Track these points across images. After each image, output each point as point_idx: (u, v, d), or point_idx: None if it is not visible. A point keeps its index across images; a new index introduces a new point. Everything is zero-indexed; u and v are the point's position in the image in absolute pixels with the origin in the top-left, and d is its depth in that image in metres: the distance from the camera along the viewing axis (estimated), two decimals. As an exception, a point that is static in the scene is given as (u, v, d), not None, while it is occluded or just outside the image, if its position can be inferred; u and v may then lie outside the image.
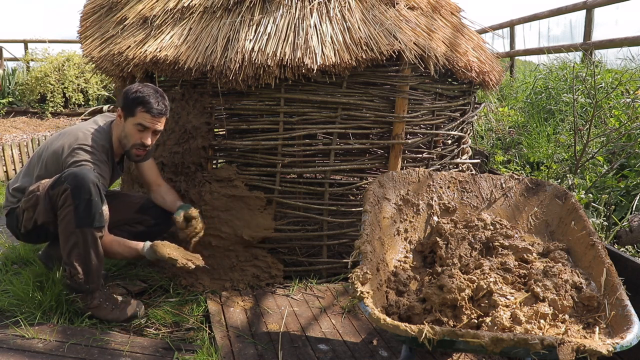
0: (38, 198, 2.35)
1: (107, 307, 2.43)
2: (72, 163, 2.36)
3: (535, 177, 2.92)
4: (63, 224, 2.30)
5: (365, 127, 2.92)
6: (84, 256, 2.31)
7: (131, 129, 2.46)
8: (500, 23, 8.74)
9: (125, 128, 2.48)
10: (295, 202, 2.91)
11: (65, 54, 10.98)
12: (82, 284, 2.35)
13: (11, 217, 2.53)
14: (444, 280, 1.84)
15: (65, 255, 2.33)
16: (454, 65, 2.89)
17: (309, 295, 2.75)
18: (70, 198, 2.25)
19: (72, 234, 2.29)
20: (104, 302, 2.43)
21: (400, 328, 1.52)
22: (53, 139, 2.53)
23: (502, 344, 1.47)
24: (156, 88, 2.49)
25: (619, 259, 2.14)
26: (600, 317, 1.75)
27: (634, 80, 4.59)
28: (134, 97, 2.42)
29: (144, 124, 2.44)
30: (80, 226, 2.27)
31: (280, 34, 2.69)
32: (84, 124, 2.59)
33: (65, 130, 2.55)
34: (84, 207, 2.26)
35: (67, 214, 2.27)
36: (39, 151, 2.56)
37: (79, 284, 2.35)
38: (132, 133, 2.47)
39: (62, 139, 2.46)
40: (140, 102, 2.41)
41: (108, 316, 2.42)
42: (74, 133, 2.47)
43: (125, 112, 2.46)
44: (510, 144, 5.02)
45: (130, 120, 2.45)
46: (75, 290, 2.39)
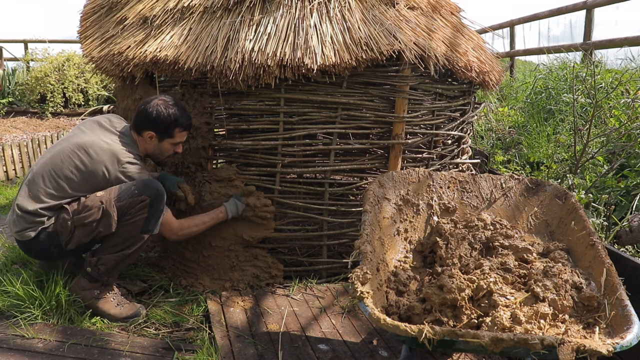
0: (104, 212, 2.33)
1: (113, 301, 2.47)
2: (130, 178, 2.42)
3: (535, 177, 2.92)
4: (127, 228, 2.38)
5: (365, 127, 2.92)
6: (127, 255, 2.42)
7: (168, 146, 2.62)
8: (500, 23, 8.74)
9: (162, 147, 2.61)
10: (295, 202, 2.91)
11: (65, 54, 10.98)
12: (103, 275, 2.42)
13: (42, 237, 2.38)
14: (444, 280, 1.84)
15: (110, 251, 2.40)
16: (454, 65, 2.89)
17: (309, 295, 2.75)
18: (148, 207, 2.37)
19: (133, 238, 2.39)
20: (112, 296, 2.48)
21: (400, 328, 1.52)
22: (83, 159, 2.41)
23: (502, 344, 1.47)
24: (176, 101, 2.59)
25: (619, 259, 2.14)
26: (600, 317, 1.75)
27: (634, 80, 4.59)
28: (169, 121, 2.52)
29: (182, 141, 2.64)
30: (144, 232, 2.41)
31: (280, 34, 2.69)
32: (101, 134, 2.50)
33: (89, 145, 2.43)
34: (156, 217, 2.42)
35: (137, 220, 2.37)
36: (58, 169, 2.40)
37: (100, 274, 2.42)
38: (168, 148, 2.63)
39: (99, 158, 2.40)
40: (177, 125, 2.55)
41: (111, 310, 2.44)
42: (110, 150, 2.43)
43: (161, 135, 2.56)
44: (510, 144, 5.02)
45: (168, 141, 2.59)
46: (93, 280, 2.43)
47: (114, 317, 2.44)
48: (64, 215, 2.37)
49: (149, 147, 2.60)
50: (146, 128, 2.54)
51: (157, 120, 2.51)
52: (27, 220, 2.38)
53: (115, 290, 2.52)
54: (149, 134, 2.55)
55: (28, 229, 2.38)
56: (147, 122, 2.53)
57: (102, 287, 2.45)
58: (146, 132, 2.54)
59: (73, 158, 2.42)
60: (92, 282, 2.43)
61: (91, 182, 2.42)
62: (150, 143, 2.58)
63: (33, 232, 2.38)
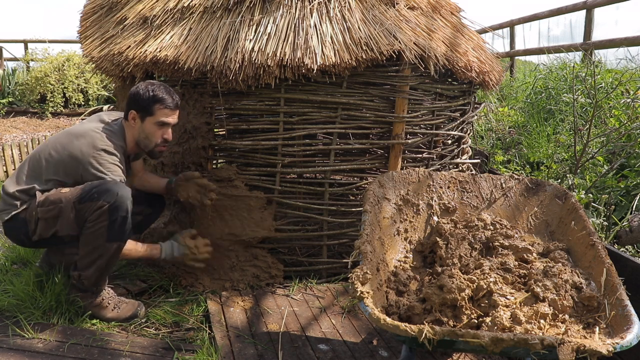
0: (62, 210, 2.30)
1: (109, 306, 2.44)
2: (99, 168, 2.33)
3: (535, 177, 2.92)
4: (91, 236, 2.30)
5: (365, 127, 2.92)
6: (104, 266, 2.35)
7: (151, 128, 2.47)
8: (500, 23, 8.74)
9: (145, 129, 2.48)
10: (295, 202, 2.91)
11: (65, 54, 10.98)
12: (89, 286, 2.38)
13: (15, 222, 2.40)
14: (444, 280, 1.84)
15: (85, 263, 2.34)
16: (454, 65, 2.89)
17: (309, 295, 2.75)
18: (107, 214, 2.26)
19: (100, 247, 2.31)
20: (107, 300, 2.44)
21: (400, 328, 1.52)
22: (63, 141, 2.42)
23: (502, 344, 1.47)
24: (163, 83, 2.51)
25: (619, 259, 2.14)
26: (600, 317, 1.75)
27: (634, 80, 4.59)
28: (148, 96, 2.42)
29: (164, 120, 2.46)
30: (111, 241, 2.31)
31: (280, 34, 2.69)
32: (91, 123, 2.50)
33: (74, 132, 2.45)
34: (119, 225, 2.29)
35: (99, 228, 2.28)
36: (42, 152, 2.44)
37: (86, 286, 2.38)
38: (153, 132, 2.48)
39: (78, 141, 2.37)
40: (156, 100, 2.43)
41: (108, 315, 2.43)
42: (90, 134, 2.39)
43: (142, 114, 2.46)
44: (510, 144, 5.02)
45: (149, 120, 2.46)
46: (81, 291, 2.40)
47: (113, 321, 2.43)
48: (33, 203, 2.35)
49: (135, 132, 2.49)
50: (129, 108, 2.47)
51: (136, 96, 2.44)
52: (6, 202, 2.42)
53: (109, 293, 2.47)
54: (132, 115, 2.46)
55: (4, 210, 2.41)
56: (129, 101, 2.47)
57: (94, 294, 2.41)
58: (129, 113, 2.47)
59: (57, 142, 2.42)
60: (82, 292, 2.40)
61: (64, 167, 2.37)
62: (135, 126, 2.48)
63: (6, 215, 2.39)
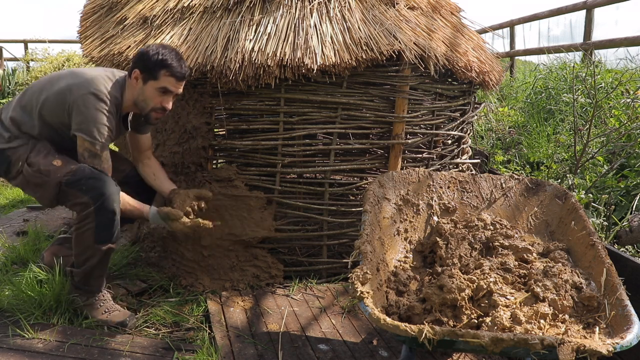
0: (46, 184, 2.26)
1: (100, 308, 2.42)
2: (84, 119, 2.22)
3: (535, 177, 2.92)
4: (80, 237, 2.28)
5: (365, 127, 2.92)
6: (95, 265, 2.33)
7: (152, 92, 2.35)
8: (500, 23, 8.75)
9: (145, 91, 2.36)
10: (295, 202, 2.90)
11: (65, 54, 10.98)
12: (81, 285, 2.38)
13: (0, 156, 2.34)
14: (444, 280, 1.84)
15: (78, 261, 2.35)
16: (454, 65, 2.89)
17: (309, 295, 2.75)
18: (93, 215, 2.23)
19: (89, 248, 2.29)
20: (99, 302, 2.42)
21: (400, 328, 1.52)
22: (62, 76, 2.34)
23: (502, 344, 1.47)
24: (175, 49, 2.40)
25: (619, 259, 2.14)
26: (600, 317, 1.75)
27: (634, 80, 4.59)
28: (155, 59, 2.30)
29: (168, 87, 2.34)
30: (99, 242, 2.28)
31: (280, 34, 2.69)
32: (96, 69, 2.40)
33: (76, 70, 2.36)
34: (106, 227, 2.26)
35: (86, 230, 2.26)
36: (43, 84, 2.36)
37: (77, 284, 2.39)
38: (152, 97, 2.36)
39: (73, 79, 2.29)
40: (164, 65, 2.31)
41: (98, 317, 2.41)
42: (87, 75, 2.29)
43: (146, 75, 2.33)
44: (510, 144, 5.02)
45: (151, 84, 2.34)
46: (76, 288, 2.40)
47: (102, 323, 2.41)
48: (23, 152, 2.29)
49: (134, 92, 2.37)
50: (133, 67, 2.36)
51: (143, 56, 2.33)
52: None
53: (104, 297, 2.45)
54: (135, 73, 2.34)
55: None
56: (136, 59, 2.37)
57: (88, 294, 2.40)
58: (133, 71, 2.35)
59: (58, 76, 2.35)
60: (76, 289, 2.40)
61: (52, 103, 2.29)
62: (136, 86, 2.36)
63: None
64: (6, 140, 2.33)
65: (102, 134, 2.27)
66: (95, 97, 2.25)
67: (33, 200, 4.93)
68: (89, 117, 2.24)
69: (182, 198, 2.55)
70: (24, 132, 2.34)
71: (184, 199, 2.55)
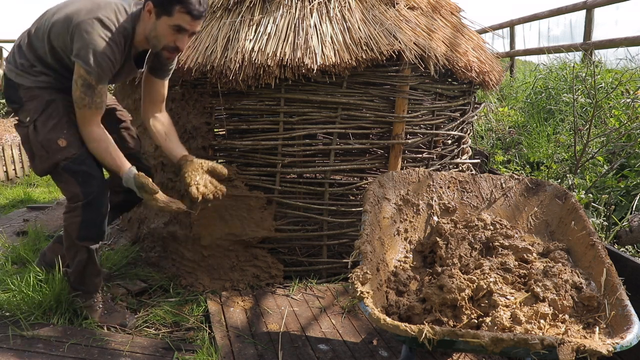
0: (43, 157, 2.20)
1: (99, 310, 2.42)
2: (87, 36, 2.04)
3: (535, 177, 2.92)
4: (68, 228, 2.28)
5: (365, 127, 2.92)
6: (85, 266, 2.33)
7: (165, 29, 2.15)
8: (500, 23, 8.75)
9: (158, 27, 2.16)
10: (295, 202, 2.90)
11: (65, 54, 10.95)
12: (76, 285, 2.39)
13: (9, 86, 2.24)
14: (444, 280, 1.84)
15: (68, 259, 2.37)
16: (454, 65, 2.89)
17: (309, 295, 2.75)
18: (80, 210, 2.21)
19: (73, 246, 2.30)
20: (98, 304, 2.43)
21: (400, 328, 1.52)
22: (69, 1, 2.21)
23: (502, 344, 1.47)
24: None
25: (618, 259, 2.14)
26: (600, 317, 1.75)
27: (634, 80, 4.59)
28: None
29: (182, 25, 2.14)
30: (81, 239, 2.27)
31: (280, 34, 2.69)
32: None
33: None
34: (90, 224, 2.25)
35: (72, 222, 2.24)
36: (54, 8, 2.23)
37: (73, 283, 2.40)
38: (165, 34, 2.16)
39: (81, 3, 2.14)
40: (179, 1, 2.11)
41: (96, 318, 2.41)
42: (99, 1, 2.15)
43: (159, 10, 2.13)
44: (510, 144, 5.02)
45: (164, 20, 2.13)
46: (73, 289, 2.41)
47: (102, 324, 2.40)
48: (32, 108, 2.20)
49: (147, 27, 2.18)
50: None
51: None
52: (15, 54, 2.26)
53: (102, 297, 2.46)
54: (148, 6, 2.14)
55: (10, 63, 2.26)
56: None
57: (85, 294, 2.40)
58: (147, 4, 2.15)
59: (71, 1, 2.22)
60: (73, 290, 2.41)
61: (59, 27, 2.13)
62: (148, 20, 2.16)
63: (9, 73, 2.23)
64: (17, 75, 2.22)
65: (101, 65, 2.08)
66: (100, 23, 2.08)
67: (33, 200, 4.94)
68: (89, 43, 2.06)
69: (194, 168, 2.35)
70: (39, 57, 2.21)
71: (196, 169, 2.35)
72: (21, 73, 2.23)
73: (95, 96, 2.13)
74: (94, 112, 2.16)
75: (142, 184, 2.19)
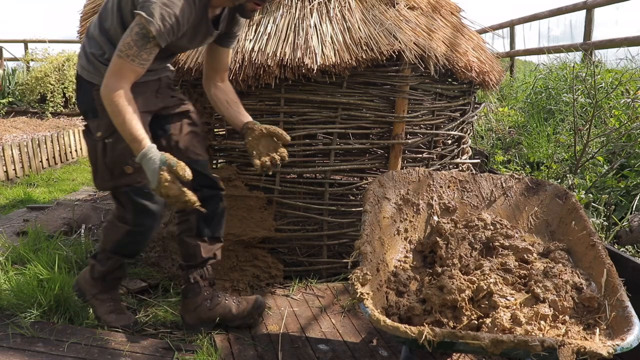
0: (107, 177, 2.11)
1: (107, 307, 2.38)
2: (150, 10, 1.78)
3: (535, 177, 2.92)
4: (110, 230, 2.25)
5: (365, 127, 2.92)
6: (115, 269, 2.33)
7: None
8: (500, 23, 8.75)
9: None
10: (295, 202, 2.90)
11: (65, 54, 10.98)
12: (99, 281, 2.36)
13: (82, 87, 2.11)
14: (444, 281, 1.84)
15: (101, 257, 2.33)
16: (454, 65, 2.88)
17: (309, 295, 2.74)
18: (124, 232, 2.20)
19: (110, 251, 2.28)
20: (108, 301, 2.38)
21: (400, 330, 1.52)
22: None
23: (502, 346, 1.47)
24: None
25: (619, 259, 2.14)
26: (601, 318, 1.75)
27: (634, 80, 4.59)
28: None
29: None
30: (115, 254, 2.27)
31: (280, 34, 2.69)
32: None
33: None
34: (128, 245, 2.25)
35: (111, 235, 2.24)
36: None
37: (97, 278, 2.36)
38: None
39: None
40: None
41: (103, 316, 2.38)
42: None
43: None
44: (510, 144, 5.02)
45: None
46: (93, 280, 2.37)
47: (104, 322, 2.37)
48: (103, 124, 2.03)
49: None
50: None
51: None
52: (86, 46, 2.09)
53: (115, 296, 2.42)
54: None
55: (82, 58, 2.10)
56: None
57: (100, 289, 2.37)
58: None
59: None
60: (93, 280, 2.36)
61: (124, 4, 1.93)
62: None
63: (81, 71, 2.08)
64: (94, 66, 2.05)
65: (165, 20, 1.81)
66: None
67: (33, 200, 4.94)
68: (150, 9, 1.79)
69: (255, 136, 2.15)
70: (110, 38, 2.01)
71: (257, 137, 2.15)
72: (93, 70, 2.06)
73: (145, 51, 1.84)
74: (135, 68, 1.85)
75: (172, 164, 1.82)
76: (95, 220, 3.83)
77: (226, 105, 2.26)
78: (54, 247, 3.02)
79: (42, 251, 2.85)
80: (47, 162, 6.82)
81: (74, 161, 7.42)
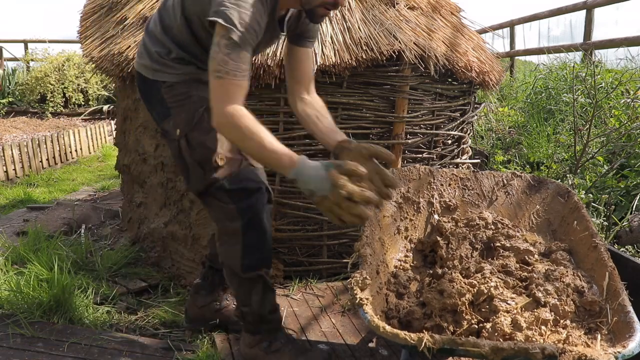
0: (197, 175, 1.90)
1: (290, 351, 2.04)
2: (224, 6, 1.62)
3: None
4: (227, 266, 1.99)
5: (365, 127, 2.92)
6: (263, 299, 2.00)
7: None
8: (500, 23, 8.74)
9: None
10: (295, 202, 2.90)
11: (65, 54, 10.99)
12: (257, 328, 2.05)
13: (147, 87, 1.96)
14: (444, 284, 1.82)
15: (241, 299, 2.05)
16: (454, 65, 2.88)
17: (309, 295, 2.74)
18: (240, 235, 1.91)
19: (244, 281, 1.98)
20: (285, 345, 2.05)
21: (400, 336, 1.50)
22: None
23: (503, 353, 1.45)
24: None
25: (619, 259, 2.13)
26: (602, 323, 1.74)
27: (634, 80, 4.59)
28: None
29: None
30: (246, 270, 1.95)
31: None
32: None
33: None
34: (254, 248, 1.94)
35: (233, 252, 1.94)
36: None
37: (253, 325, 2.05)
38: None
39: None
40: None
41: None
42: None
43: None
44: (510, 144, 5.02)
45: None
46: (252, 333, 2.05)
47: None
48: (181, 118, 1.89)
49: None
50: None
51: None
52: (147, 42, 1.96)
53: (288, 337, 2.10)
54: None
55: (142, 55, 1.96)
56: None
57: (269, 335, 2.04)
58: None
59: None
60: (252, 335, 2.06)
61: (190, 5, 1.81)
62: None
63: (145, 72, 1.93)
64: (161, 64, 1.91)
65: (244, 24, 1.63)
66: None
67: (33, 200, 4.94)
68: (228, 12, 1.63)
69: (353, 157, 1.81)
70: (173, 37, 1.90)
71: (356, 158, 1.80)
72: (159, 67, 1.92)
73: (241, 61, 1.65)
74: (239, 82, 1.65)
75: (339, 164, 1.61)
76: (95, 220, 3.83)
77: (316, 121, 2.00)
78: (54, 247, 3.02)
79: (42, 251, 2.85)
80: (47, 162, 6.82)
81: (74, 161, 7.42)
